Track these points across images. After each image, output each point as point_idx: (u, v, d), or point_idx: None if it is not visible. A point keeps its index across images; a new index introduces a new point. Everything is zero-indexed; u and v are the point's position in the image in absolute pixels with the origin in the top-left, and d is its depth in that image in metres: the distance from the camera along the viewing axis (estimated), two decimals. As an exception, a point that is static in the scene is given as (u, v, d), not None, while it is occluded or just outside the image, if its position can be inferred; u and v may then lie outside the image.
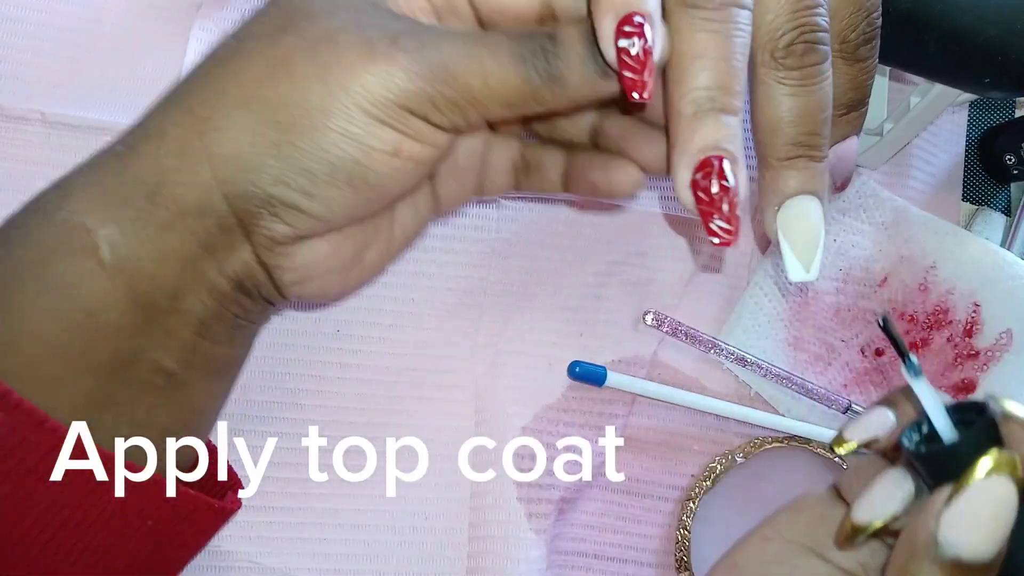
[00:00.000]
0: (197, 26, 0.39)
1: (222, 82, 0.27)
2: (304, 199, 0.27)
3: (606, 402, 0.41)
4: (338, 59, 0.26)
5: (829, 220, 0.45)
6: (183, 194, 0.27)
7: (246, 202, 0.27)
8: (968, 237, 0.45)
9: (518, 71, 0.27)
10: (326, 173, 0.27)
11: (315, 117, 0.26)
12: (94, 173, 0.27)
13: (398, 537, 0.39)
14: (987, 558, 0.23)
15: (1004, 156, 0.48)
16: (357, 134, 0.26)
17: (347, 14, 0.27)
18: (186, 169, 0.27)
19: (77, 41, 0.38)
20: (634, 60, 0.25)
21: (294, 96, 0.26)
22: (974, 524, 0.23)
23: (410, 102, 0.26)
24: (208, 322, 0.29)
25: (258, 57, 0.27)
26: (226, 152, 0.26)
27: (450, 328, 0.41)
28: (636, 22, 0.25)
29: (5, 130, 0.37)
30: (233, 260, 0.28)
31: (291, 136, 0.26)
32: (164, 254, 0.27)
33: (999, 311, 0.43)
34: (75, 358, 0.27)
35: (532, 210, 0.42)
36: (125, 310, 0.27)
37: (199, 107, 0.27)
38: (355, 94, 0.26)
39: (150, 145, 0.27)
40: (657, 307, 0.42)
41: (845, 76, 0.31)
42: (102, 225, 0.26)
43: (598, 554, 0.40)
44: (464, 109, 0.27)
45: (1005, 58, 0.36)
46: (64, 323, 0.26)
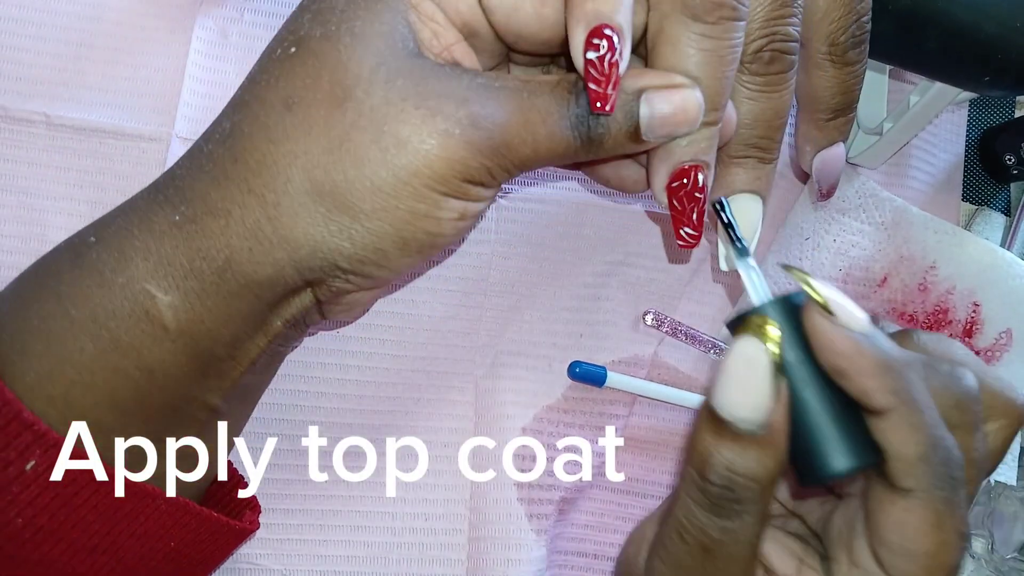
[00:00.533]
0: (198, 25, 0.39)
1: (284, 164, 0.26)
2: (376, 269, 0.28)
3: (606, 402, 0.41)
4: (403, 142, 0.26)
5: (829, 220, 0.45)
6: (254, 271, 0.27)
7: (319, 273, 0.28)
8: (968, 237, 0.45)
9: (564, 137, 0.27)
10: (398, 248, 0.27)
11: (385, 200, 0.26)
12: (152, 240, 0.27)
13: (398, 538, 0.39)
14: (748, 422, 0.24)
15: (1004, 156, 0.48)
16: (426, 211, 0.27)
17: (403, 80, 0.26)
18: (259, 249, 0.27)
19: (79, 41, 0.38)
20: (599, 73, 0.26)
21: (362, 182, 0.26)
22: (729, 382, 0.24)
23: (472, 176, 0.27)
24: (256, 359, 0.30)
25: (319, 135, 0.26)
26: (299, 237, 0.27)
27: (450, 328, 0.41)
28: (605, 34, 0.26)
29: (8, 132, 0.37)
30: (293, 307, 0.29)
31: (363, 220, 0.27)
32: (229, 317, 0.28)
33: (999, 311, 0.43)
34: (129, 409, 0.27)
35: (532, 210, 0.42)
36: (184, 365, 0.28)
37: (265, 191, 0.26)
38: (423, 176, 0.26)
39: (216, 223, 0.27)
40: (657, 307, 0.42)
41: (833, 79, 0.31)
42: (166, 292, 0.27)
43: (598, 554, 0.40)
44: (514, 172, 0.28)
45: (1005, 56, 0.36)
46: (122, 380, 0.27)
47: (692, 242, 0.29)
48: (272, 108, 0.27)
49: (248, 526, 0.33)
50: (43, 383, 0.26)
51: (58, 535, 0.27)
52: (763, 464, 0.24)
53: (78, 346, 0.27)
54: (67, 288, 0.27)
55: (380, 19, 0.27)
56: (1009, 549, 0.43)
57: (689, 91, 0.27)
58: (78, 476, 0.26)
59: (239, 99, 0.28)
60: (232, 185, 0.27)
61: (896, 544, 0.25)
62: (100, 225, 0.28)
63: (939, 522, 0.24)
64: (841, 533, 0.27)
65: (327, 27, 0.27)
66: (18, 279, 0.29)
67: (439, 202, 0.27)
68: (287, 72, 0.27)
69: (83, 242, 0.28)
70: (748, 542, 0.25)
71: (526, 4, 0.28)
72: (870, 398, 0.24)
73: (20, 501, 0.26)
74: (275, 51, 0.28)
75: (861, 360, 0.24)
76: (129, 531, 0.28)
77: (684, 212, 0.29)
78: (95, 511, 0.27)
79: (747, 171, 0.30)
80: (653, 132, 0.27)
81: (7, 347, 0.27)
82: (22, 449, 0.26)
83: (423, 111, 0.26)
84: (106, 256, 0.27)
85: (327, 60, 0.26)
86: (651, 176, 0.29)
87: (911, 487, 0.24)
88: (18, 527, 0.26)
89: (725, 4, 0.26)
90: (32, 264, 0.29)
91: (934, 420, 0.25)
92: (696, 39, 0.27)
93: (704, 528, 0.25)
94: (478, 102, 0.26)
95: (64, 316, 0.27)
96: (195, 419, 0.29)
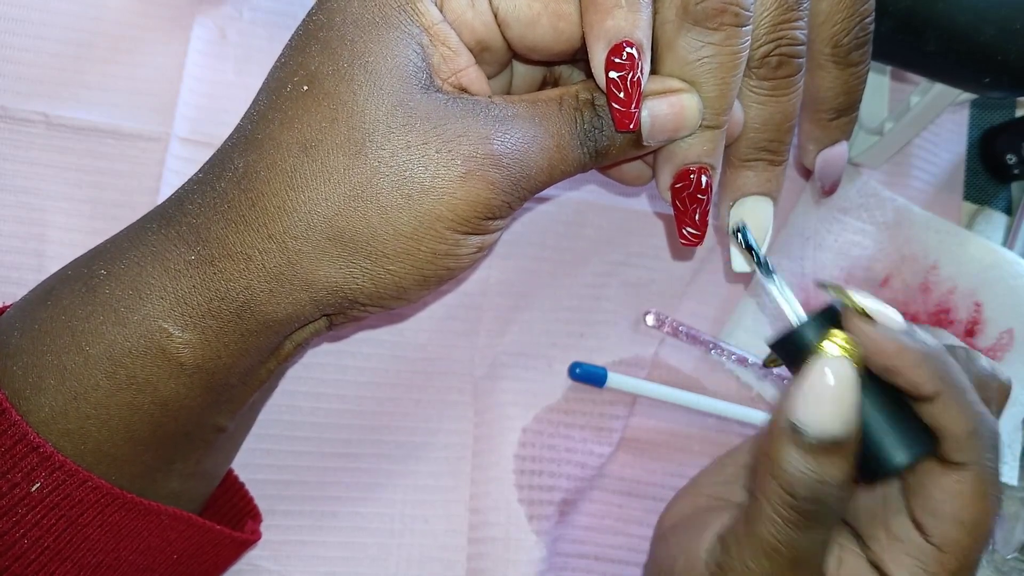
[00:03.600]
0: (197, 24, 0.39)
1: (305, 211, 0.26)
2: (394, 302, 0.29)
3: (607, 403, 0.41)
4: (427, 188, 0.26)
5: (831, 220, 0.45)
6: (274, 311, 0.27)
7: (337, 308, 0.28)
8: (969, 236, 0.45)
9: (575, 156, 0.28)
10: (418, 284, 0.28)
11: (406, 243, 0.27)
12: (168, 279, 0.27)
13: (397, 540, 0.39)
14: (837, 435, 0.26)
15: (1005, 155, 0.48)
16: (448, 250, 0.27)
17: (421, 123, 0.26)
18: (279, 291, 0.27)
19: (78, 41, 0.38)
20: (623, 91, 0.26)
21: (385, 228, 0.26)
22: (817, 401, 0.26)
23: (493, 212, 0.27)
24: (267, 380, 0.30)
25: (339, 182, 0.26)
26: (320, 280, 0.27)
27: (450, 328, 0.41)
28: (627, 54, 0.26)
29: (8, 131, 0.37)
30: (307, 332, 0.29)
31: (384, 263, 0.27)
32: (245, 351, 0.28)
33: (1000, 310, 0.43)
34: (143, 439, 0.27)
35: (532, 210, 0.42)
36: (198, 396, 0.28)
37: (286, 238, 0.26)
38: (445, 219, 0.26)
39: (236, 266, 0.26)
40: (657, 307, 0.42)
41: (837, 80, 0.32)
42: (183, 330, 0.27)
43: (599, 556, 0.40)
44: (529, 197, 0.28)
45: (1004, 58, 0.36)
46: (137, 414, 0.27)
47: (695, 241, 0.30)
48: (289, 151, 0.26)
49: (251, 536, 0.33)
50: (58, 418, 0.26)
51: (64, 555, 0.27)
52: (846, 471, 0.26)
53: (93, 383, 0.26)
54: (81, 324, 0.27)
55: (392, 51, 0.26)
56: (1010, 549, 0.43)
57: (687, 96, 0.27)
58: (83, 497, 0.26)
59: (250, 136, 0.27)
60: (251, 230, 0.26)
61: (948, 514, 0.27)
62: (109, 258, 0.27)
63: (986, 490, 0.27)
64: (875, 514, 0.29)
65: (338, 63, 0.26)
66: (27, 305, 0.28)
67: (459, 241, 0.27)
68: (301, 113, 0.26)
69: (93, 275, 0.27)
70: (827, 545, 0.28)
71: (543, 19, 0.28)
72: (920, 387, 0.27)
73: (26, 522, 0.26)
74: (285, 86, 0.27)
75: (908, 355, 0.27)
76: (133, 547, 0.28)
77: (687, 212, 0.29)
78: (100, 530, 0.27)
79: (757, 174, 0.30)
80: (653, 137, 0.28)
81: (20, 382, 0.26)
82: (28, 471, 0.26)
83: (444, 155, 0.26)
84: (120, 292, 0.27)
85: (343, 103, 0.26)
86: (656, 176, 0.30)
87: (964, 460, 0.27)
88: (23, 548, 0.26)
89: (727, 10, 0.26)
90: (39, 288, 0.28)
91: (975, 399, 0.27)
92: (697, 45, 0.27)
93: (795, 543, 0.27)
94: (497, 139, 0.26)
95: (79, 352, 0.26)
96: (205, 441, 0.30)
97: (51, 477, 0.26)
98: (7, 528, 0.26)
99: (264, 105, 0.27)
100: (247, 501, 0.35)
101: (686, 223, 0.29)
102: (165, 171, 0.38)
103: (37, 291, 0.28)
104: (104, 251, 0.28)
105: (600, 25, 0.26)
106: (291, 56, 0.28)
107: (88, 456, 0.27)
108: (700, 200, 0.29)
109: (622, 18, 0.26)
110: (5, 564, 0.26)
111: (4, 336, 0.27)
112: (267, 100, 0.27)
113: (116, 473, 0.27)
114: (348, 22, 0.27)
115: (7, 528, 0.26)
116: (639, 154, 0.29)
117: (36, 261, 0.36)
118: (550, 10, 0.27)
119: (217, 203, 0.27)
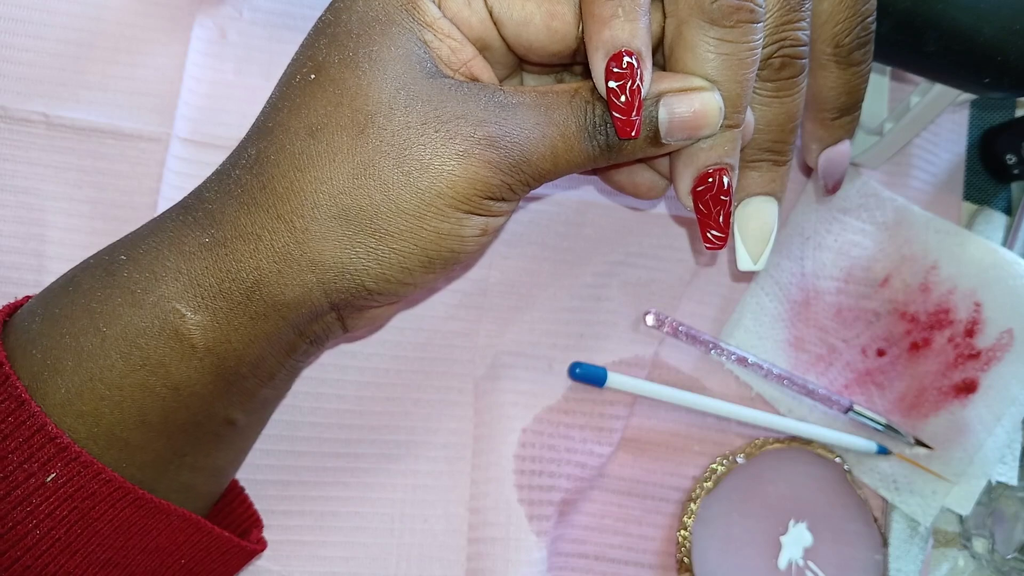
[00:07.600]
0: (197, 24, 0.39)
1: (311, 190, 0.27)
2: (400, 287, 0.29)
3: (607, 403, 0.41)
4: (425, 165, 0.27)
5: (831, 219, 0.45)
6: (282, 292, 0.28)
7: (345, 295, 0.28)
8: (969, 237, 0.45)
9: (583, 148, 0.28)
10: (423, 265, 0.28)
11: (409, 221, 0.27)
12: (183, 261, 0.27)
13: (397, 539, 0.39)
14: None
15: (1005, 155, 0.48)
16: (450, 229, 0.28)
17: (422, 104, 0.27)
18: (288, 272, 0.27)
19: (78, 41, 0.38)
20: (623, 100, 0.26)
21: (388, 205, 0.27)
22: None
23: (493, 192, 0.28)
24: (277, 375, 0.30)
25: (343, 161, 0.27)
26: (327, 260, 0.27)
27: (450, 329, 0.41)
28: (626, 63, 0.26)
29: (8, 131, 0.37)
30: (317, 326, 0.30)
31: (388, 241, 0.27)
32: (255, 337, 0.28)
33: (1000, 310, 0.43)
34: (155, 426, 0.28)
35: (532, 210, 0.42)
36: (209, 382, 0.28)
37: (294, 217, 0.27)
38: (446, 196, 0.27)
39: (246, 246, 0.27)
40: (657, 307, 0.42)
41: (839, 80, 0.32)
42: (195, 312, 0.27)
43: (599, 555, 0.40)
44: (535, 184, 0.29)
45: (1004, 58, 0.36)
46: (149, 397, 0.27)
47: (719, 244, 0.30)
48: (296, 135, 0.27)
49: (257, 546, 0.33)
50: (73, 400, 0.27)
51: (74, 548, 0.27)
52: None
53: (108, 363, 0.27)
54: (98, 305, 0.27)
55: (396, 42, 0.27)
56: (1010, 549, 0.43)
57: (708, 94, 0.27)
58: (96, 489, 0.27)
59: (262, 125, 0.28)
60: (261, 211, 0.27)
61: None
62: (130, 244, 0.28)
63: None
64: None
65: (344, 52, 0.27)
66: (48, 293, 0.29)
67: (462, 220, 0.28)
68: (308, 99, 0.27)
69: (113, 260, 0.28)
70: None
71: (535, 18, 0.28)
72: None
73: (39, 513, 0.26)
74: (294, 77, 0.28)
75: None
76: (141, 546, 0.28)
77: (710, 215, 0.29)
78: (110, 525, 0.27)
79: (762, 174, 0.30)
80: (672, 135, 0.28)
81: (39, 365, 0.27)
82: (44, 461, 0.26)
83: (442, 134, 0.27)
84: (137, 275, 0.28)
85: (347, 87, 0.27)
86: (675, 180, 0.29)
87: None
88: (35, 539, 0.26)
89: (743, 7, 0.26)
90: (62, 277, 0.29)
91: None
92: (715, 43, 0.27)
93: None
94: (495, 122, 0.27)
95: (96, 333, 0.27)
96: (215, 433, 0.30)
97: (66, 468, 0.26)
98: (21, 518, 0.26)
99: (276, 96, 0.29)
100: (251, 512, 0.35)
101: (710, 226, 0.29)
102: (165, 171, 0.38)
103: (60, 280, 0.29)
104: (126, 239, 0.29)
105: (599, 35, 0.26)
106: (301, 52, 0.29)
107: (101, 439, 0.27)
108: (723, 201, 0.29)
109: (620, 28, 0.26)
110: (16, 555, 0.26)
111: (25, 323, 0.28)
112: (278, 92, 0.29)
113: (127, 460, 0.28)
114: (354, 19, 0.28)
115: (21, 518, 0.26)
116: (657, 153, 0.29)
117: (36, 261, 0.36)
118: (543, 10, 0.28)
119: (231, 188, 0.28)
